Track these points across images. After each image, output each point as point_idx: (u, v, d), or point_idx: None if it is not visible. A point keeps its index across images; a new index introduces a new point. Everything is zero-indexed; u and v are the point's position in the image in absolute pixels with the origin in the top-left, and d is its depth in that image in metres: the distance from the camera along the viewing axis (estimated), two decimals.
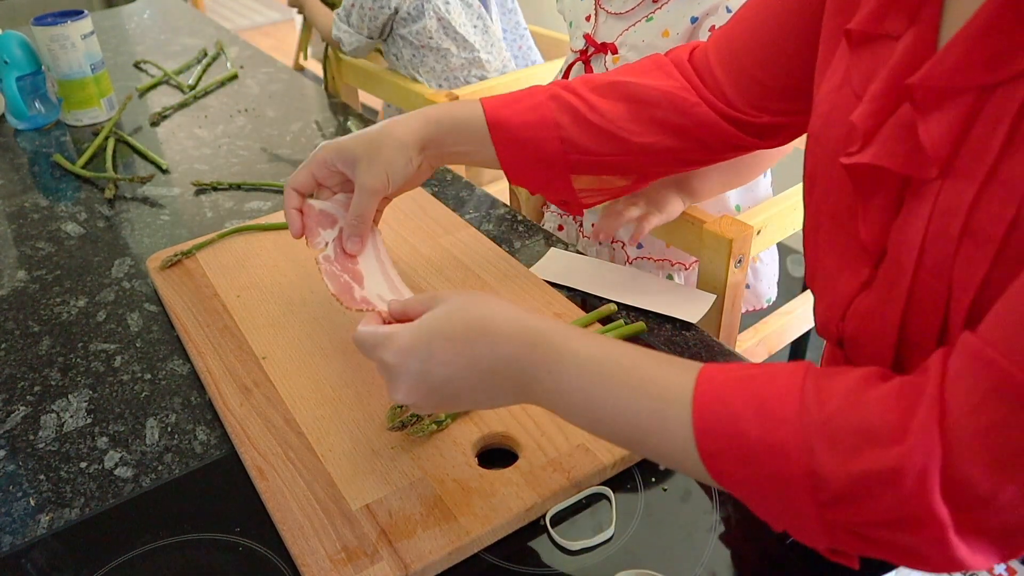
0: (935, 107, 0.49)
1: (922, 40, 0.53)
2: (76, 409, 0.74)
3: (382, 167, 0.73)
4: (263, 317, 0.81)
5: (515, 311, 0.57)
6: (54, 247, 1.00)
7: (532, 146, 0.76)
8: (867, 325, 0.58)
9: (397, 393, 0.57)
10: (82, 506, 0.64)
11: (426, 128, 0.75)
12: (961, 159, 0.48)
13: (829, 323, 0.64)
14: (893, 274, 0.55)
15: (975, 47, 0.47)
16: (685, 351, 0.77)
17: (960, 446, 0.42)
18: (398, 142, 0.73)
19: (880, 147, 0.53)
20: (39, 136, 1.34)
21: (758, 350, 1.37)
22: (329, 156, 0.74)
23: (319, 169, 0.75)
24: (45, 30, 1.30)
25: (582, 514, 0.62)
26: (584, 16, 1.13)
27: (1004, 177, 0.46)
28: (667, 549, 0.59)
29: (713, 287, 1.05)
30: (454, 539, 0.58)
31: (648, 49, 1.05)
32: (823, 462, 0.45)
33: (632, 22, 1.07)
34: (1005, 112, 0.46)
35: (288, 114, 1.36)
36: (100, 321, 0.86)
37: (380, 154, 0.73)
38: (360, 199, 0.73)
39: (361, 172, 0.73)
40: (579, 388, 0.53)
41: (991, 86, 0.47)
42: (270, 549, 0.59)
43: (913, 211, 0.52)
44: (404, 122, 0.75)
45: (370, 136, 0.73)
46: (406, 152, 0.74)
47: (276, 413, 0.69)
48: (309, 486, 0.62)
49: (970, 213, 0.47)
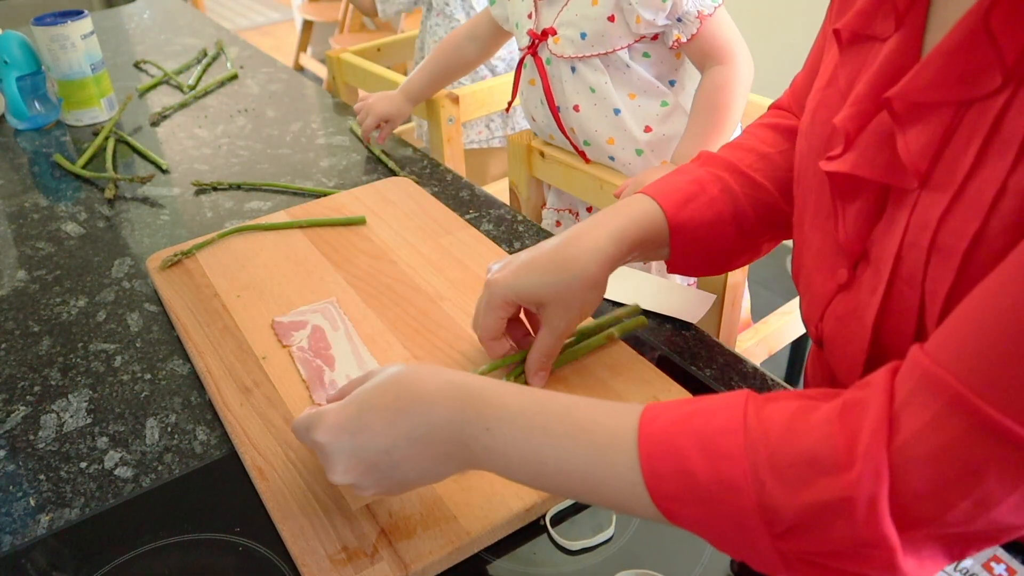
0: (914, 120, 0.49)
1: (907, 44, 0.53)
2: (76, 409, 0.74)
3: (576, 313, 0.67)
4: (263, 317, 0.81)
5: (447, 373, 0.55)
6: (54, 247, 1.00)
7: (707, 243, 0.71)
8: (843, 327, 0.59)
9: (334, 474, 0.54)
10: (82, 506, 0.64)
11: (619, 252, 0.68)
12: (937, 173, 0.48)
13: (810, 322, 0.64)
14: (872, 279, 0.55)
15: (951, 63, 0.47)
16: (685, 351, 0.77)
17: (909, 466, 0.42)
18: (593, 280, 0.66)
19: (859, 156, 0.53)
20: (39, 136, 1.34)
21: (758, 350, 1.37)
22: (511, 298, 0.67)
23: (505, 311, 0.68)
24: (45, 30, 1.30)
25: (582, 514, 0.62)
26: (526, 14, 1.18)
27: (970, 192, 0.46)
28: (667, 549, 0.59)
29: (713, 287, 1.05)
30: (454, 539, 0.58)
31: (583, 22, 1.10)
32: (774, 495, 0.44)
33: (564, 2, 1.12)
34: (979, 128, 0.46)
35: (288, 114, 1.36)
36: (100, 321, 0.86)
37: (575, 297, 0.66)
38: (549, 342, 0.68)
39: (552, 317, 0.67)
40: (518, 440, 0.51)
41: (968, 102, 0.47)
42: (270, 549, 0.59)
43: (894, 219, 0.53)
44: (594, 250, 0.66)
45: (559, 275, 0.66)
46: (600, 289, 0.68)
47: (276, 413, 0.69)
48: (309, 486, 0.62)
49: (939, 227, 0.48)
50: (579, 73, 1.15)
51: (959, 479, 0.41)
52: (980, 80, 0.46)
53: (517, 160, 1.35)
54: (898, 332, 0.53)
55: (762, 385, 0.72)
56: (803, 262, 0.65)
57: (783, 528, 0.44)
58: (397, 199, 1.02)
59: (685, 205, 0.70)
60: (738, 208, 0.71)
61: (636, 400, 0.68)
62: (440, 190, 1.09)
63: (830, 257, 0.60)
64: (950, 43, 0.47)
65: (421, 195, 1.03)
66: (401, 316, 0.80)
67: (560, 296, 0.66)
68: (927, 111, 0.48)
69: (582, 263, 0.66)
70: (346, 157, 1.21)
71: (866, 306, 0.55)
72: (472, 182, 1.11)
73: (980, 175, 0.46)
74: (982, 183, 0.45)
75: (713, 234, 0.71)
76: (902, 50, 0.53)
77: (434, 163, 1.18)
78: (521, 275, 0.67)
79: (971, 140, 0.46)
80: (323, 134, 1.29)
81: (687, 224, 0.70)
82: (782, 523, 0.44)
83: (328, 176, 1.15)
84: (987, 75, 0.45)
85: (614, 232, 0.67)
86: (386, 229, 0.95)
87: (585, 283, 0.66)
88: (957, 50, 0.47)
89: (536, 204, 1.41)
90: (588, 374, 0.71)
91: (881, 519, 0.42)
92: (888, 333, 0.54)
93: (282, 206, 1.05)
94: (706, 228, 0.70)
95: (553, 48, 1.13)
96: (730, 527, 0.46)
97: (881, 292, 0.53)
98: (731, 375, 0.74)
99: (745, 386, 0.72)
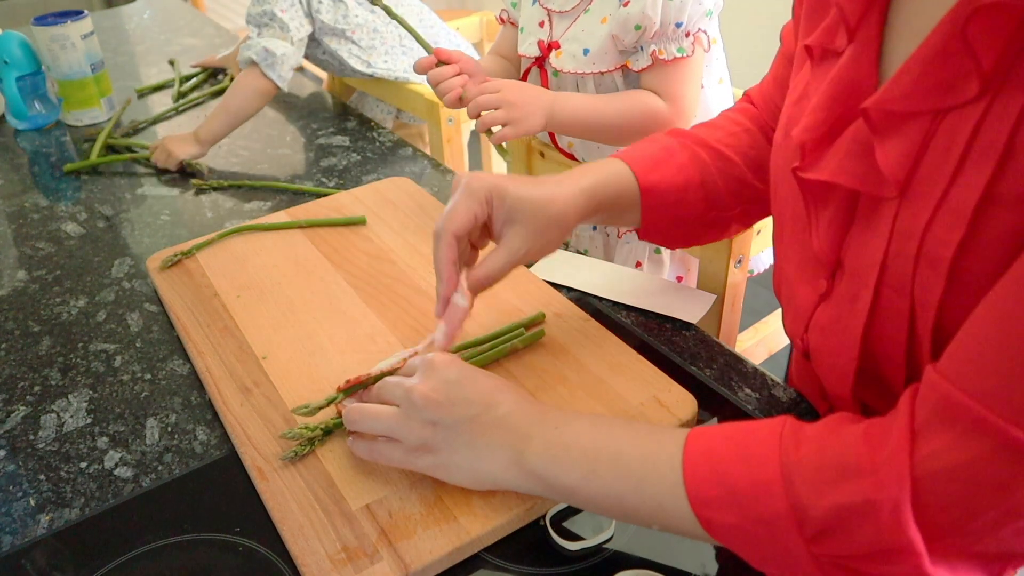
0: (891, 130, 0.49)
1: (861, 57, 0.53)
2: (76, 409, 0.74)
3: (540, 241, 0.66)
4: (263, 317, 0.81)
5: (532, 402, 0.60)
6: (54, 247, 1.00)
7: (676, 208, 0.74)
8: (829, 338, 0.59)
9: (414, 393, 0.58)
10: (82, 506, 0.64)
11: (588, 205, 0.69)
12: (917, 181, 0.49)
13: (795, 334, 0.65)
14: (853, 288, 0.55)
15: (927, 72, 0.47)
16: (685, 351, 0.77)
17: (932, 479, 0.43)
18: (561, 221, 0.67)
19: (835, 164, 0.54)
20: (39, 136, 1.34)
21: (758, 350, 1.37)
22: (490, 196, 0.64)
23: (481, 208, 0.64)
24: (45, 30, 1.30)
25: (582, 514, 0.62)
26: (538, 22, 1.16)
27: (952, 201, 0.46)
28: (667, 549, 0.59)
29: (713, 287, 1.05)
30: (454, 539, 0.58)
31: (587, 38, 1.09)
32: (803, 494, 0.46)
33: (575, 18, 1.11)
34: (957, 137, 0.46)
35: (288, 114, 1.36)
36: (100, 321, 0.86)
37: (543, 227, 0.66)
38: (501, 262, 0.65)
39: (514, 238, 0.65)
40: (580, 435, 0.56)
41: (945, 110, 0.47)
42: (270, 549, 0.59)
43: (871, 228, 0.53)
44: (567, 197, 0.67)
45: (535, 201, 0.65)
46: (564, 231, 0.68)
47: (276, 413, 0.69)
48: (309, 486, 0.62)
49: (923, 236, 0.48)
50: (581, 90, 1.14)
51: (984, 493, 0.42)
52: (957, 88, 0.46)
53: (517, 160, 1.35)
54: (888, 340, 0.53)
55: (762, 385, 0.72)
56: (784, 275, 0.66)
57: (814, 531, 0.46)
58: (397, 199, 1.02)
59: (655, 168, 0.73)
60: (707, 177, 0.74)
61: (636, 400, 0.68)
62: (440, 190, 1.09)
63: (809, 268, 0.61)
64: (925, 53, 0.47)
65: (421, 195, 1.03)
66: (401, 316, 0.80)
67: (533, 218, 0.65)
68: (904, 120, 0.49)
69: (555, 197, 0.66)
70: (346, 157, 1.21)
71: (850, 315, 0.56)
72: None
73: (961, 183, 0.46)
74: (963, 191, 0.46)
75: (683, 199, 0.73)
76: (855, 63, 0.54)
77: (434, 163, 1.18)
78: (503, 179, 0.66)
79: (950, 148, 0.46)
80: (323, 134, 1.29)
81: (657, 187, 0.72)
82: (812, 525, 0.46)
83: (328, 176, 1.15)
84: (964, 83, 0.45)
85: (587, 187, 0.69)
86: (386, 229, 0.95)
87: (556, 218, 0.66)
88: (933, 59, 0.47)
89: None
90: (588, 374, 0.71)
91: (905, 524, 0.43)
92: (878, 342, 0.54)
93: (282, 206, 1.06)
94: (676, 193, 0.73)
95: (555, 62, 1.12)
96: (764, 533, 0.47)
97: (868, 301, 0.53)
98: (731, 375, 0.74)
99: (745, 386, 0.72)
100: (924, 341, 0.50)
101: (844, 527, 0.45)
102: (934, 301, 0.49)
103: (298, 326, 0.80)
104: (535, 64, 1.17)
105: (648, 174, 0.72)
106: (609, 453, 0.54)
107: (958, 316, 0.45)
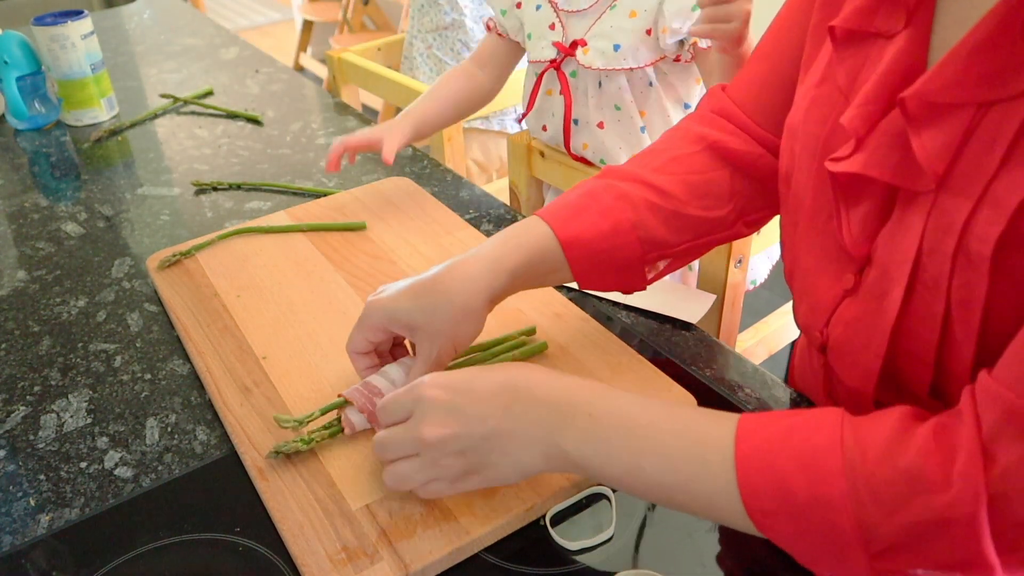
0: (930, 121, 0.48)
1: (916, 42, 0.51)
2: (76, 409, 0.74)
3: (447, 342, 0.64)
4: (263, 317, 0.81)
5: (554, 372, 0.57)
6: (54, 247, 1.00)
7: (609, 255, 0.68)
8: (854, 333, 0.58)
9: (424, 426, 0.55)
10: (82, 506, 0.64)
11: (496, 281, 0.65)
12: (956, 175, 0.47)
13: (812, 327, 0.63)
14: (883, 285, 0.54)
15: (973, 63, 0.46)
16: (685, 351, 0.77)
17: (1009, 495, 0.42)
18: (464, 310, 0.63)
19: (870, 156, 0.52)
20: (39, 136, 1.34)
21: (758, 350, 1.37)
22: (382, 322, 0.65)
23: (374, 335, 0.66)
24: (45, 30, 1.30)
25: (582, 514, 0.62)
26: (548, 25, 1.14)
27: (994, 195, 0.45)
28: (667, 549, 0.59)
29: (713, 287, 1.05)
30: (454, 539, 0.58)
31: (617, 33, 1.07)
32: (871, 513, 0.45)
33: (597, 15, 1.09)
34: (1004, 131, 0.45)
35: (288, 114, 1.36)
36: (100, 321, 0.86)
37: (449, 330, 0.64)
38: (419, 369, 0.65)
39: (423, 343, 0.64)
40: (619, 429, 0.53)
41: (989, 103, 0.46)
42: (270, 549, 0.59)
43: (905, 223, 0.51)
44: (467, 279, 0.64)
45: (430, 302, 0.63)
46: (474, 320, 0.65)
47: (276, 413, 0.69)
48: (309, 486, 0.62)
49: (963, 232, 0.47)
50: (604, 89, 1.13)
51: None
52: (1005, 81, 0.45)
53: (517, 160, 1.35)
54: (919, 339, 0.52)
55: (762, 385, 0.72)
56: (798, 265, 0.64)
57: (881, 547, 0.45)
58: (397, 199, 1.02)
59: (574, 218, 0.68)
60: (639, 216, 0.68)
61: None
62: (440, 190, 1.09)
63: (833, 261, 0.59)
64: (972, 43, 0.46)
65: (421, 195, 1.03)
66: None
67: (429, 324, 0.64)
68: (945, 112, 0.47)
69: (453, 292, 0.63)
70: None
71: (878, 312, 0.54)
72: (472, 182, 1.11)
73: (1005, 178, 0.45)
74: (1008, 187, 0.44)
75: (615, 244, 0.68)
76: (911, 48, 0.51)
77: (434, 163, 1.18)
78: (397, 299, 0.65)
79: (995, 142, 0.45)
80: (323, 134, 1.29)
81: (580, 238, 0.67)
82: (880, 543, 0.45)
83: (328, 176, 1.15)
84: (1014, 76, 0.44)
85: (491, 263, 0.65)
86: (386, 229, 0.95)
87: (455, 313, 0.63)
88: (980, 50, 0.45)
89: (536, 204, 1.41)
90: (589, 374, 0.71)
91: (981, 539, 0.42)
92: (908, 339, 0.53)
93: (282, 206, 1.05)
94: (603, 239, 0.67)
95: (582, 59, 1.10)
96: (824, 544, 0.47)
97: (898, 299, 0.52)
98: (731, 375, 0.74)
99: (745, 386, 0.72)
100: (958, 342, 0.49)
101: (915, 544, 0.44)
102: (976, 302, 0.47)
103: (298, 326, 0.80)
104: (551, 67, 1.15)
105: (567, 226, 0.67)
106: (653, 447, 0.52)
107: (1005, 317, 0.44)
